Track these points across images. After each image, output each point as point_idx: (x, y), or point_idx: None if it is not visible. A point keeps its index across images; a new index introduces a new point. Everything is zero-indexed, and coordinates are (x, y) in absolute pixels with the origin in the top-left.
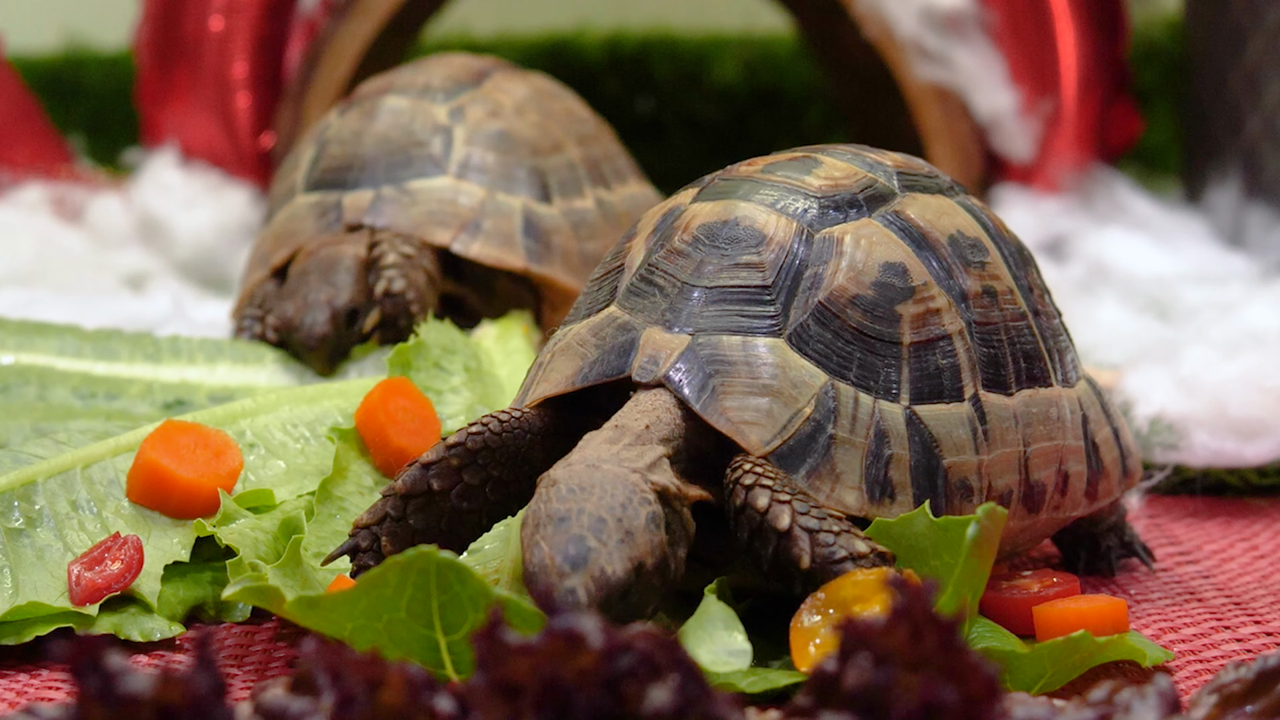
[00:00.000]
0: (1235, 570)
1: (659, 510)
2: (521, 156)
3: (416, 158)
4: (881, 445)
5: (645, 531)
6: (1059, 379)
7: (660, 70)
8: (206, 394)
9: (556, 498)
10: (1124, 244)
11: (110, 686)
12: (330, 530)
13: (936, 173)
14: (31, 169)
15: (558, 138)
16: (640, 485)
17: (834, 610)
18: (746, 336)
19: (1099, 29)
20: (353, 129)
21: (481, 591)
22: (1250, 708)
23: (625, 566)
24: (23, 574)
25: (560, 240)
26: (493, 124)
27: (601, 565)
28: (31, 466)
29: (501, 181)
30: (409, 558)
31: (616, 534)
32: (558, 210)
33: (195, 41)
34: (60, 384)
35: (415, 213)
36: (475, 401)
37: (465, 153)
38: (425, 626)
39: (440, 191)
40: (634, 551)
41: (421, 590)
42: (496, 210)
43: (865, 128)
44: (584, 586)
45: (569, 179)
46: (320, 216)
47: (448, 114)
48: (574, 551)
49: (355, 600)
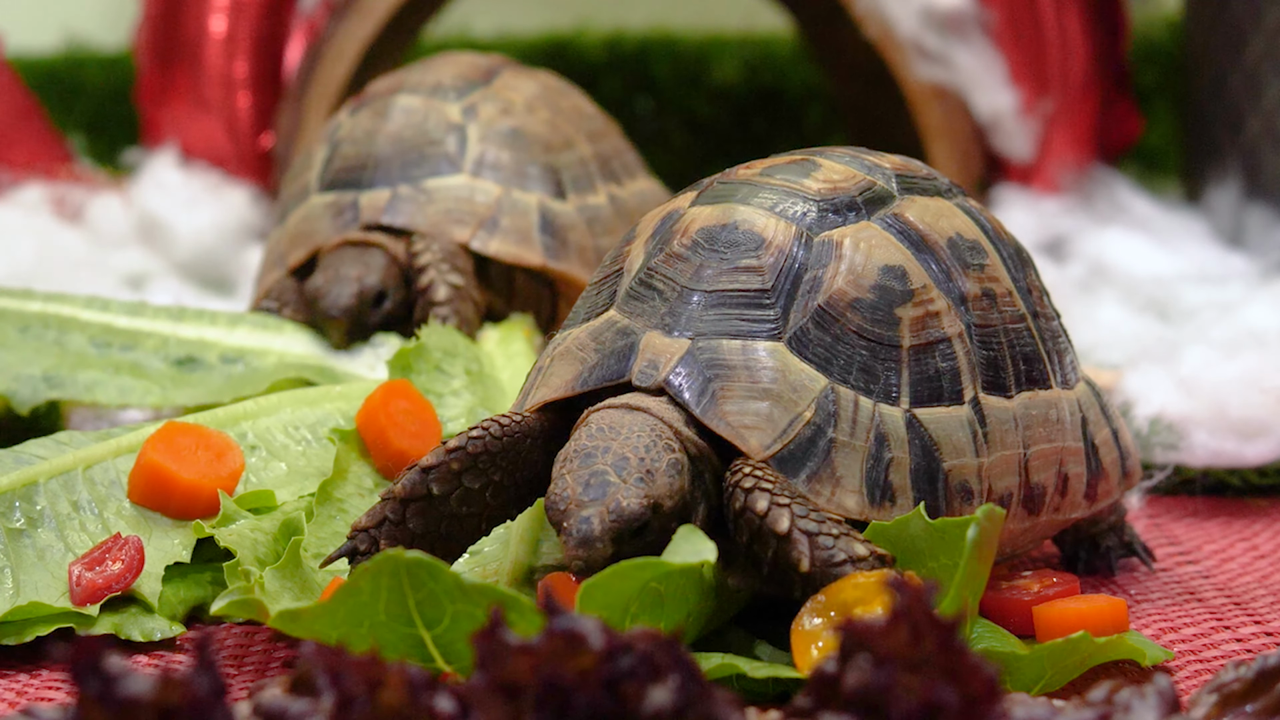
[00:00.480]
0: (1235, 570)
1: (683, 459)
2: (535, 154)
3: (431, 156)
4: (882, 449)
5: (665, 474)
6: (1058, 381)
7: (660, 70)
8: (219, 354)
9: (587, 435)
10: (1124, 244)
11: (110, 688)
12: (330, 531)
13: (935, 175)
14: (31, 169)
15: (569, 134)
16: (666, 433)
17: (835, 612)
18: (746, 340)
19: (1099, 29)
20: (365, 128)
21: (456, 584)
22: (1250, 707)
23: (641, 502)
24: (23, 574)
25: (576, 236)
26: (505, 121)
27: (618, 498)
28: (33, 467)
29: (516, 179)
30: (377, 563)
31: (637, 472)
32: (572, 206)
33: (195, 41)
34: (80, 331)
35: (432, 211)
36: (476, 404)
37: (480, 150)
38: (407, 625)
39: (457, 190)
40: (652, 490)
41: (396, 592)
42: (513, 207)
43: (865, 128)
44: (599, 516)
45: (581, 175)
46: (336, 216)
47: (460, 112)
48: (594, 483)
49: (334, 610)
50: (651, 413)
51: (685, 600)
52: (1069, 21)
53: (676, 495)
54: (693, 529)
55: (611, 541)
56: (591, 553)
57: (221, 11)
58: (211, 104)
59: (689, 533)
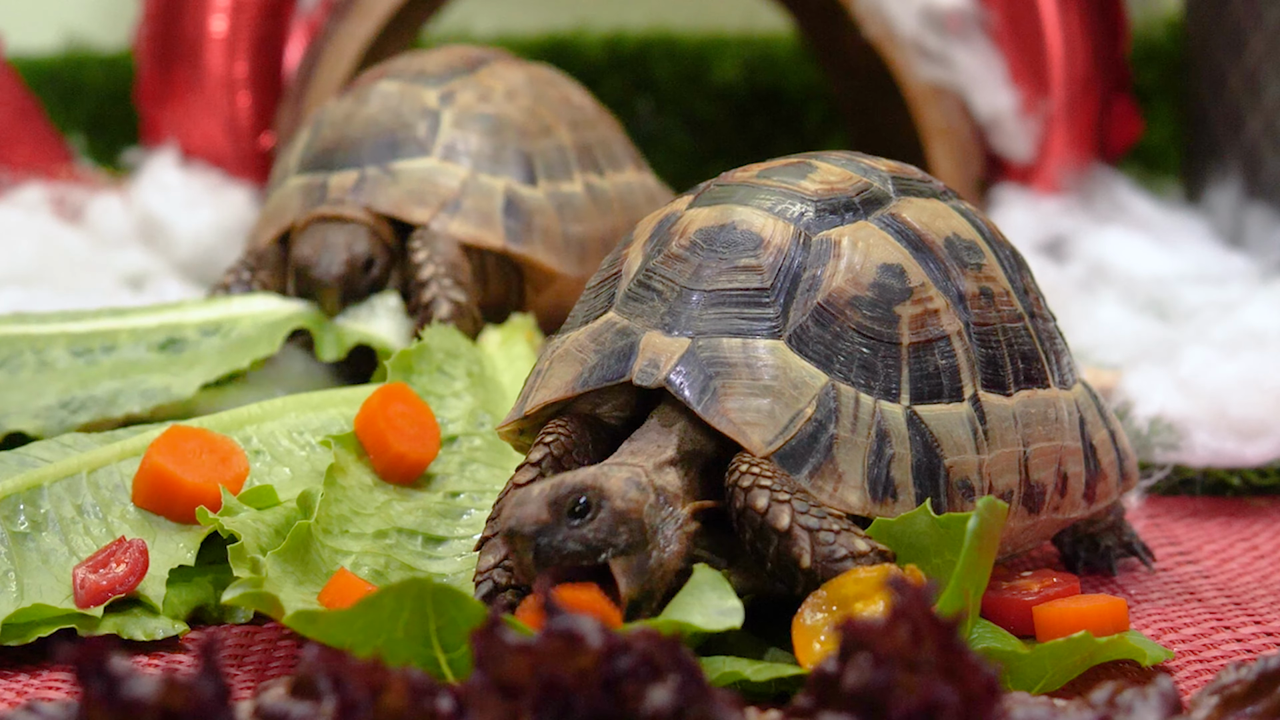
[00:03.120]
0: (1235, 570)
1: (646, 483)
2: (508, 139)
3: (403, 140)
4: (883, 445)
5: (623, 481)
6: (1056, 381)
7: (660, 70)
8: (197, 328)
9: None
10: (1124, 244)
11: (114, 690)
12: (336, 513)
13: (930, 178)
14: (31, 169)
15: (548, 121)
16: (640, 476)
17: (836, 608)
18: (746, 339)
19: (1099, 29)
20: (345, 112)
21: (479, 614)
22: (1251, 709)
23: (585, 482)
24: (28, 578)
25: (542, 221)
26: (481, 108)
27: (564, 477)
28: (37, 470)
29: (486, 163)
30: (403, 585)
31: (591, 470)
32: (542, 192)
33: (195, 41)
34: (55, 345)
35: (395, 192)
36: (477, 407)
37: (452, 135)
38: (424, 646)
39: (423, 172)
40: (601, 481)
41: (418, 615)
42: (478, 190)
43: (865, 128)
44: (541, 485)
45: (557, 161)
46: (306, 196)
47: (437, 98)
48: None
49: (352, 620)
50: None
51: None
52: (1069, 21)
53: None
54: (714, 574)
55: (547, 505)
56: (524, 510)
57: (221, 11)
58: (211, 104)
59: (713, 581)
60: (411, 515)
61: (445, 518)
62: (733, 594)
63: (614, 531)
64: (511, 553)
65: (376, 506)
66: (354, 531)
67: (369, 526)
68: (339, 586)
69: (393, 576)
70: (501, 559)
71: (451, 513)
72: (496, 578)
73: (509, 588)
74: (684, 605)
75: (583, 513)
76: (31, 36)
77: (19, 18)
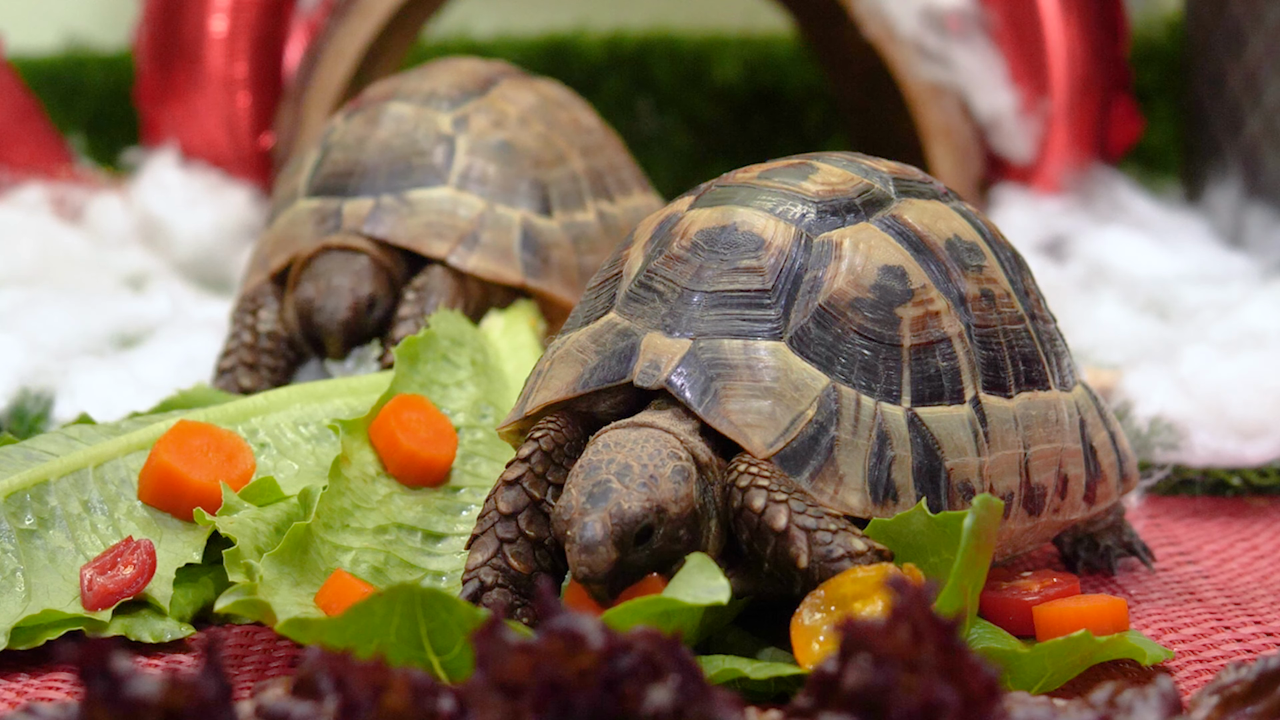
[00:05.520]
0: (1235, 570)
1: (689, 466)
2: (523, 168)
3: (418, 167)
4: (884, 447)
5: (670, 480)
6: (1057, 383)
7: (660, 70)
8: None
9: (593, 451)
10: (1124, 244)
11: (117, 690)
12: (339, 506)
13: (931, 179)
14: (31, 169)
15: (561, 149)
16: (673, 443)
17: (834, 608)
18: (747, 340)
19: (1099, 29)
20: (357, 135)
21: (470, 616)
22: (1251, 709)
23: (644, 505)
24: (35, 577)
25: (559, 255)
26: (496, 134)
27: (619, 502)
28: (44, 465)
29: (502, 194)
30: (393, 590)
31: (640, 478)
32: (558, 223)
33: (195, 41)
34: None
35: (413, 224)
36: (480, 398)
37: (467, 163)
38: (416, 649)
39: (439, 203)
40: (655, 494)
41: (409, 619)
42: (495, 223)
43: (865, 128)
44: (601, 521)
45: (570, 191)
46: (320, 223)
47: (451, 123)
48: (597, 492)
49: (344, 626)
50: (657, 426)
51: (694, 628)
52: (1069, 21)
53: (682, 501)
54: (705, 559)
55: (615, 545)
56: (595, 558)
57: (221, 11)
58: (211, 104)
59: (702, 563)
60: (412, 510)
61: (445, 514)
62: (721, 574)
63: (675, 538)
64: (587, 591)
65: (378, 500)
66: (355, 526)
67: (370, 521)
68: (335, 588)
69: (391, 574)
70: (489, 557)
71: (451, 508)
72: (483, 576)
73: (496, 586)
74: (674, 587)
75: (647, 536)
76: (31, 36)
77: (19, 18)
